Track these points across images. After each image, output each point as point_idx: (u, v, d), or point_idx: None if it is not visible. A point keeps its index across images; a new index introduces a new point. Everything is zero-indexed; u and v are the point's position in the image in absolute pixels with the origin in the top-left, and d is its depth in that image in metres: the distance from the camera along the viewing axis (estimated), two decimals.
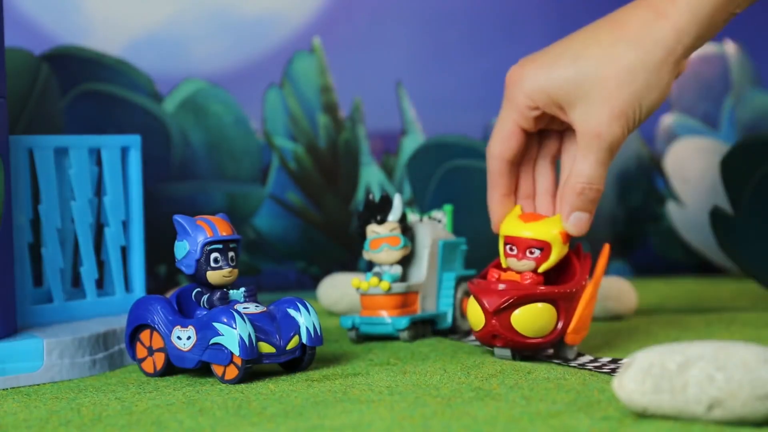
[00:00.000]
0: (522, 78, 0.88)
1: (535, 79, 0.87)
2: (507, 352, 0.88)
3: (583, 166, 0.86)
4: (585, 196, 0.87)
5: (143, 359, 0.88)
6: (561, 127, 0.91)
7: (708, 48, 1.48)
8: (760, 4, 1.49)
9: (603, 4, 1.27)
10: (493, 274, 0.90)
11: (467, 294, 1.03)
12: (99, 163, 1.02)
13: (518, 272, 0.88)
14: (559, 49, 0.88)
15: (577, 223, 0.87)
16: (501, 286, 0.87)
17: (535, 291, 0.86)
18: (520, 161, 0.92)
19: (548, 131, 0.92)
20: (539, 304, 0.86)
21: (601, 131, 0.85)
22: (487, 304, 0.86)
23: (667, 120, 1.47)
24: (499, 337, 0.87)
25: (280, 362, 0.85)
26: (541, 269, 0.88)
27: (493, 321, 0.86)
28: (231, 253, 0.86)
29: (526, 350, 0.89)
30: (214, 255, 0.86)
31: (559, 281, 0.90)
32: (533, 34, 1.43)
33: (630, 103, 0.85)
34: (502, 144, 0.90)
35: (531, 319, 0.86)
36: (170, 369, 0.87)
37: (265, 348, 0.83)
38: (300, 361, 0.86)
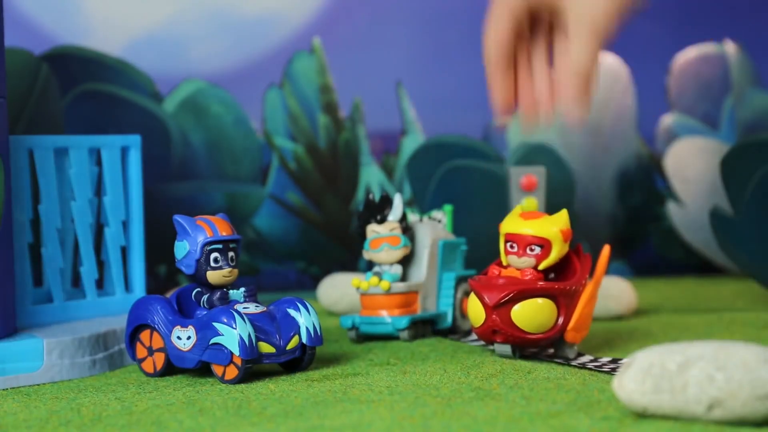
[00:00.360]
0: None
1: None
2: (507, 348, 0.89)
3: (576, 48, 0.87)
4: (581, 78, 0.87)
5: (143, 359, 0.88)
6: (550, 18, 0.91)
7: (708, 48, 1.48)
8: (760, 4, 1.48)
9: None
10: (494, 270, 0.90)
11: (467, 294, 1.03)
12: (99, 163, 1.02)
13: (519, 269, 0.89)
14: None
15: (579, 104, 0.87)
16: (501, 281, 0.87)
17: (535, 286, 0.87)
18: (515, 52, 0.92)
19: (539, 28, 0.92)
20: (539, 300, 0.87)
21: (594, 14, 0.86)
22: (487, 299, 0.87)
23: (667, 120, 1.47)
24: (499, 332, 0.87)
25: (280, 362, 0.85)
26: (541, 266, 0.88)
27: (494, 316, 0.87)
28: (231, 253, 0.86)
29: (526, 346, 0.89)
30: (214, 255, 0.86)
31: (559, 281, 0.90)
32: None
33: None
34: (496, 30, 0.90)
35: (531, 314, 0.86)
36: (170, 369, 0.87)
37: (265, 348, 0.83)
38: (300, 361, 0.86)
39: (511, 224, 0.89)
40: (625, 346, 0.95)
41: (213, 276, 0.86)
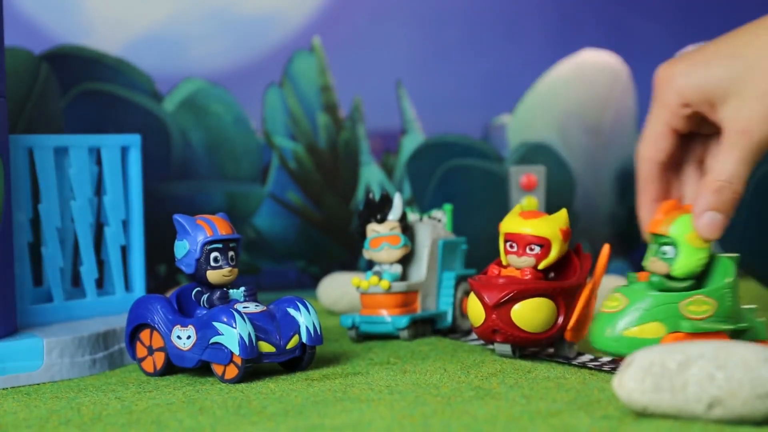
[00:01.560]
0: (673, 75, 0.82)
1: (688, 76, 0.82)
2: (507, 348, 0.89)
3: (724, 163, 0.80)
4: (722, 195, 0.81)
5: (143, 358, 0.88)
6: (708, 131, 0.85)
7: None
8: (760, 3, 1.48)
9: (603, 4, 1.27)
10: (494, 270, 0.90)
11: (467, 293, 1.03)
12: (99, 162, 1.02)
13: (518, 269, 0.89)
14: (714, 48, 0.82)
15: (711, 223, 0.81)
16: (501, 281, 0.87)
17: (535, 285, 0.87)
18: (670, 165, 0.86)
19: (694, 135, 0.86)
20: (539, 299, 0.87)
21: (751, 128, 0.79)
22: (487, 299, 0.87)
23: None
24: (499, 331, 0.87)
25: (280, 361, 0.85)
26: (541, 266, 0.88)
27: (494, 315, 0.87)
28: (231, 253, 0.86)
29: (526, 345, 0.89)
30: (214, 254, 0.85)
31: (559, 280, 0.90)
32: (533, 34, 1.43)
33: None
34: (653, 145, 0.84)
35: (531, 313, 0.86)
36: (170, 368, 0.87)
37: (265, 347, 0.83)
38: (300, 360, 0.86)
39: (510, 224, 0.89)
40: None
41: (213, 275, 0.86)
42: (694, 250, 0.82)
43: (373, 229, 1.00)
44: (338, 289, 1.18)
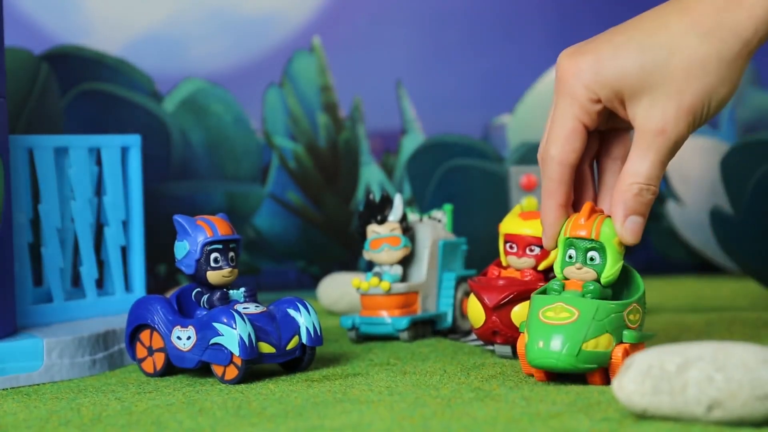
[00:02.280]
0: (580, 69, 0.78)
1: (597, 70, 0.77)
2: (507, 349, 0.89)
3: (641, 165, 0.77)
4: (642, 198, 0.77)
5: (143, 359, 0.88)
6: (606, 126, 0.82)
7: None
8: None
9: (603, 4, 1.27)
10: (493, 271, 0.90)
11: (467, 294, 1.03)
12: (99, 162, 1.02)
13: (518, 270, 0.89)
14: (621, 37, 0.78)
15: (634, 227, 0.78)
16: (501, 282, 0.87)
17: (535, 287, 0.86)
18: (578, 166, 0.81)
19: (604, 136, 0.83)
20: None
21: (666, 128, 0.76)
22: (487, 300, 0.87)
23: None
24: (499, 333, 0.87)
25: (280, 362, 0.85)
26: (541, 267, 0.88)
27: (494, 317, 0.87)
28: (231, 253, 0.86)
29: None
30: (214, 255, 0.85)
31: None
32: (533, 34, 1.43)
33: (700, 98, 0.76)
34: (564, 145, 0.78)
35: None
36: (170, 369, 0.87)
37: (265, 348, 0.83)
38: (300, 361, 0.86)
39: (510, 224, 0.89)
40: None
41: (213, 276, 0.86)
42: (618, 255, 0.78)
43: (373, 230, 1.00)
44: (338, 289, 1.18)
